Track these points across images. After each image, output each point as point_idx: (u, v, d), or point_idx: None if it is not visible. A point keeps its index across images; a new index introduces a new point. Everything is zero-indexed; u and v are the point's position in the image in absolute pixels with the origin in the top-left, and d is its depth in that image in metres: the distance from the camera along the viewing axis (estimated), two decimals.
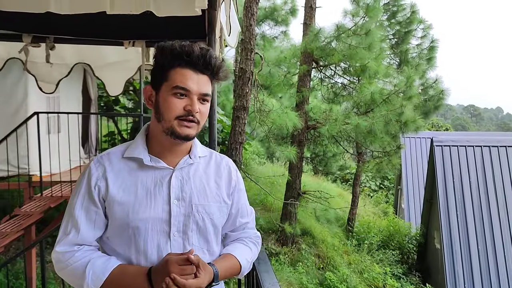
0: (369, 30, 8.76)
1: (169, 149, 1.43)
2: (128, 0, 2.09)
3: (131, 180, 1.40)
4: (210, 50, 1.37)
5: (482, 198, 10.15)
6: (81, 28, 2.61)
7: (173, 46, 1.34)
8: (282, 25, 12.88)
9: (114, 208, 1.38)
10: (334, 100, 10.73)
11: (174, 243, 1.40)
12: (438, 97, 10.79)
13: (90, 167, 1.42)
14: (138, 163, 1.42)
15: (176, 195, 1.41)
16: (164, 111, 1.35)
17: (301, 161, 9.81)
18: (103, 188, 1.38)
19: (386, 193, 20.14)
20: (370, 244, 11.15)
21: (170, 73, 1.34)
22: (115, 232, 1.41)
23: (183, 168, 1.45)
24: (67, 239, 1.38)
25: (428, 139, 15.32)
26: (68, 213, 1.42)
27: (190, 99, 1.34)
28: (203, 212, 1.44)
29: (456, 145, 10.84)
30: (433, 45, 11.77)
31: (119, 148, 1.48)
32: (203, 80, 1.36)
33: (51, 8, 2.05)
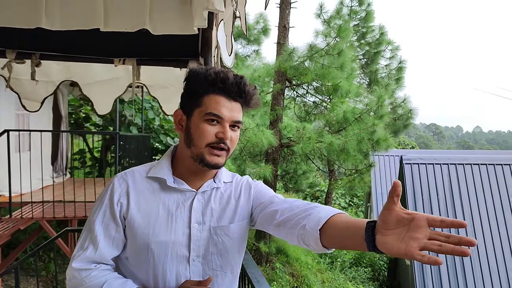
0: (341, 50, 8.96)
1: (195, 173, 1.40)
2: (123, 18, 2.05)
3: (153, 200, 1.37)
4: (244, 78, 1.36)
5: (450, 215, 10.40)
6: (69, 45, 2.53)
7: (208, 73, 1.33)
8: (254, 44, 12.99)
9: (134, 227, 1.34)
10: (306, 118, 10.87)
11: (193, 268, 1.36)
12: (406, 116, 11.07)
13: (114, 183, 1.39)
14: (161, 184, 1.39)
15: (197, 218, 1.37)
16: (196, 138, 1.33)
17: (276, 179, 9.83)
18: (125, 206, 1.35)
19: (355, 210, 20.38)
20: (342, 262, 11.22)
21: (203, 99, 1.33)
22: (134, 253, 1.37)
23: (206, 191, 1.42)
24: (84, 255, 1.33)
25: (396, 157, 15.70)
26: (87, 228, 1.37)
27: (223, 126, 1.33)
28: (221, 234, 1.40)
29: (425, 163, 11.12)
30: (401, 65, 12.13)
31: (143, 167, 1.45)
32: (236, 107, 1.35)
33: (43, 23, 1.97)
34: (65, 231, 3.62)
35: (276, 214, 1.35)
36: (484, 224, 10.16)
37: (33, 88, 2.94)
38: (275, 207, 1.38)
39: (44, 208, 5.46)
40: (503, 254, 9.63)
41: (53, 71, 2.90)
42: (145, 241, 1.33)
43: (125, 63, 2.58)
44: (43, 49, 2.53)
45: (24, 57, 2.52)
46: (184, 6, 2.04)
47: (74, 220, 5.45)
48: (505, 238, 9.84)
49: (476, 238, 9.99)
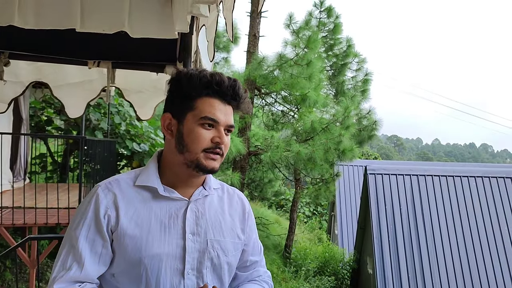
0: (310, 61, 9.09)
1: (185, 181, 1.34)
2: (101, 18, 1.98)
3: (145, 211, 1.28)
4: (238, 81, 1.32)
5: (412, 225, 10.66)
6: (41, 44, 2.42)
7: (202, 74, 1.27)
8: (224, 52, 13.00)
9: (125, 242, 1.24)
10: (274, 127, 10.93)
11: (188, 282, 1.28)
12: (371, 128, 11.30)
13: (98, 194, 1.27)
14: (151, 193, 1.30)
15: (191, 229, 1.30)
16: (190, 143, 1.27)
17: (243, 186, 9.80)
18: (113, 218, 1.25)
19: (319, 219, 20.60)
20: (307, 271, 11.27)
21: (196, 102, 1.27)
22: (123, 269, 1.26)
23: (198, 200, 1.35)
24: (67, 275, 1.21)
25: (360, 167, 15.99)
26: (69, 245, 1.25)
27: (218, 130, 1.28)
28: (218, 249, 1.34)
29: (388, 173, 11.37)
30: (367, 78, 12.41)
31: (127, 175, 1.35)
32: (229, 111, 1.31)
33: (15, 21, 1.88)
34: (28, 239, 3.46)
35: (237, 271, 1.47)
36: (443, 233, 10.47)
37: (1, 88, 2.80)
38: (240, 266, 1.47)
39: (2, 214, 5.21)
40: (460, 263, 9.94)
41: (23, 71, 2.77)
42: (137, 255, 1.24)
43: (100, 65, 2.49)
44: (14, 48, 2.42)
45: None
46: (164, 10, 2.00)
47: (35, 227, 5.22)
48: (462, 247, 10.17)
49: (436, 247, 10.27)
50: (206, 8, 1.65)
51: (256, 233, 1.53)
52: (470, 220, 10.68)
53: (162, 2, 2.01)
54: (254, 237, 1.50)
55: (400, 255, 10.16)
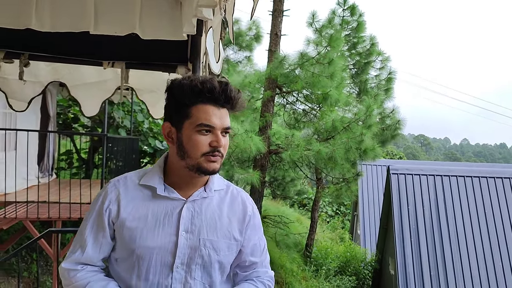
0: (332, 60, 9.03)
1: (186, 182, 1.43)
2: (113, 21, 2.06)
3: (143, 207, 1.40)
4: (229, 84, 1.37)
5: (435, 226, 10.51)
6: (58, 46, 2.53)
7: (193, 83, 1.33)
8: (246, 51, 13.06)
9: (123, 232, 1.38)
10: (295, 126, 10.92)
11: (176, 275, 1.38)
12: (395, 127, 11.17)
13: (106, 189, 1.44)
14: (152, 192, 1.42)
15: (185, 227, 1.40)
16: (190, 149, 1.35)
17: (263, 185, 9.84)
18: (114, 212, 1.40)
19: (342, 218, 20.47)
20: (327, 270, 11.24)
21: (191, 110, 1.34)
22: (121, 256, 1.42)
23: (196, 200, 1.44)
24: (73, 256, 1.42)
25: (383, 167, 15.82)
26: (80, 232, 1.45)
27: (215, 134, 1.35)
28: (210, 248, 1.42)
29: (411, 173, 11.23)
30: (390, 76, 12.25)
31: (136, 173, 1.48)
32: (224, 113, 1.37)
33: (32, 24, 1.99)
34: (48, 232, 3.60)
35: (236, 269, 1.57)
36: (468, 235, 10.28)
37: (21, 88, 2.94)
38: (239, 266, 1.56)
39: (28, 208, 5.41)
40: (485, 265, 9.74)
41: (42, 72, 2.91)
42: (132, 245, 1.37)
43: (114, 66, 2.59)
44: (32, 50, 2.54)
45: (13, 57, 2.53)
46: (174, 12, 2.07)
47: (58, 221, 5.41)
48: (487, 249, 9.96)
49: (460, 249, 10.09)
50: (210, 12, 1.71)
51: (260, 234, 1.59)
52: (496, 222, 10.44)
53: (171, 5, 2.07)
54: (255, 238, 1.55)
55: (423, 256, 10.03)
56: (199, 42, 2.16)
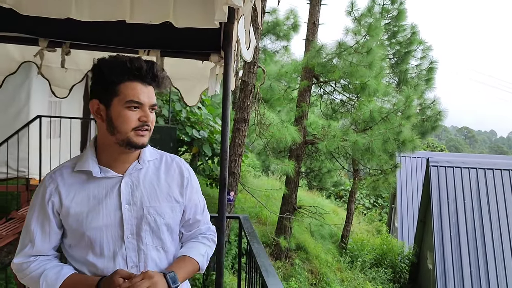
0: (370, 49, 8.87)
1: (118, 158, 1.49)
2: (148, 10, 2.12)
3: (83, 192, 1.46)
4: (156, 64, 1.46)
5: (476, 220, 10.19)
6: (97, 35, 2.63)
7: (120, 61, 1.41)
8: (284, 40, 12.98)
9: (69, 220, 1.45)
10: (332, 116, 10.81)
11: (128, 245, 1.47)
12: (435, 118, 10.87)
13: (44, 183, 1.49)
14: (88, 176, 1.48)
15: (126, 200, 1.48)
16: (120, 125, 1.41)
17: (298, 175, 9.84)
18: (57, 202, 1.46)
19: (379, 211, 20.17)
20: (363, 262, 11.15)
21: (120, 88, 1.40)
22: (74, 241, 1.48)
23: (132, 173, 1.51)
24: (23, 251, 1.48)
25: (423, 159, 15.43)
26: (25, 228, 1.50)
27: (143, 110, 1.42)
28: (154, 214, 1.50)
29: (452, 166, 10.91)
30: (432, 66, 11.90)
31: (70, 162, 1.54)
32: (151, 91, 1.45)
33: (72, 14, 2.07)
34: None
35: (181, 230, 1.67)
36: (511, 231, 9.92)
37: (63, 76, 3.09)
38: (183, 226, 1.66)
39: None
40: None
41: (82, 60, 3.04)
42: (81, 229, 1.44)
43: (150, 54, 2.67)
44: (73, 39, 2.65)
45: (56, 45, 2.65)
46: (206, 0, 2.11)
47: None
48: None
49: (503, 244, 9.76)
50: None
51: (199, 193, 1.69)
52: None
53: None
54: (195, 198, 1.66)
55: (463, 252, 9.77)
56: (231, 30, 2.19)
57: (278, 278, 2.02)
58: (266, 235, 9.39)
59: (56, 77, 3.16)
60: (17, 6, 2.01)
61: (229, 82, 2.18)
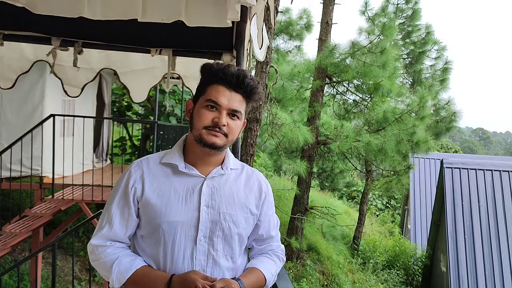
0: (384, 49, 8.77)
1: (202, 159, 1.52)
2: (160, 9, 2.11)
3: (166, 184, 1.49)
4: (246, 72, 1.47)
5: (491, 223, 10.03)
6: (109, 34, 2.63)
7: (211, 65, 1.48)
8: (297, 40, 12.93)
9: (148, 209, 1.47)
10: (345, 116, 10.72)
11: (199, 247, 1.48)
12: (450, 119, 10.72)
13: (130, 169, 1.54)
14: (173, 169, 1.51)
15: (206, 202, 1.49)
16: (195, 121, 1.47)
17: (310, 176, 9.78)
18: (139, 190, 1.49)
19: (392, 212, 19.99)
20: (375, 264, 11.04)
21: (207, 88, 1.47)
22: (147, 232, 1.51)
23: (215, 177, 1.53)
24: (101, 233, 1.50)
25: (437, 160, 15.24)
26: (106, 209, 1.54)
27: (219, 112, 1.44)
28: (229, 221, 1.51)
29: (466, 168, 10.76)
30: (447, 66, 11.75)
31: (158, 154, 1.58)
32: (235, 97, 1.46)
33: (85, 13, 2.07)
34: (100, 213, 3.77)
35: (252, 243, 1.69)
36: None
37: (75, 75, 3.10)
38: (255, 240, 1.67)
39: (83, 191, 5.69)
40: None
41: (94, 59, 3.06)
42: (157, 220, 1.46)
43: (161, 53, 2.67)
44: (86, 38, 2.65)
45: (68, 44, 2.66)
46: None
47: None
48: None
49: None
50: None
51: (273, 211, 1.71)
52: None
53: None
54: (269, 213, 1.67)
55: (477, 255, 9.62)
56: (243, 29, 2.16)
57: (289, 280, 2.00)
58: None
59: (69, 76, 3.18)
60: (30, 5, 2.01)
61: None
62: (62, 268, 6.61)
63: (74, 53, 2.59)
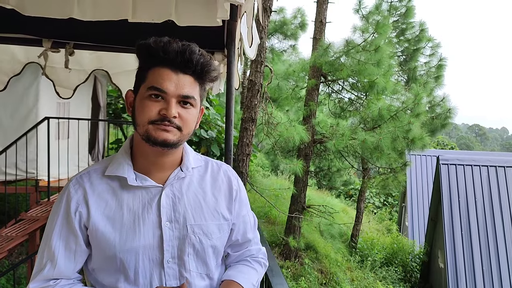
0: (379, 47, 8.80)
1: (155, 163, 1.24)
2: (150, 9, 2.11)
3: (115, 203, 1.21)
4: (192, 46, 1.18)
5: (488, 218, 10.07)
6: (100, 35, 2.64)
7: (148, 44, 1.19)
8: (291, 39, 12.97)
9: (97, 238, 1.20)
10: (341, 115, 10.76)
11: (168, 270, 1.23)
12: (445, 116, 10.77)
13: (69, 189, 1.23)
14: (121, 183, 1.23)
15: (168, 216, 1.23)
16: (138, 115, 1.18)
17: (307, 175, 9.80)
18: (84, 215, 1.20)
19: (390, 210, 20.04)
20: (373, 261, 11.07)
21: (148, 74, 1.18)
22: (101, 264, 1.24)
23: (174, 183, 1.26)
24: (42, 274, 1.21)
25: (433, 157, 15.30)
26: (44, 243, 1.23)
27: (166, 102, 1.15)
28: (200, 234, 1.26)
29: (462, 164, 10.80)
30: (441, 63, 11.80)
31: (101, 164, 1.28)
32: (184, 80, 1.17)
33: (75, 14, 2.07)
34: None
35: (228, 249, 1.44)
36: None
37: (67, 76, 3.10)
38: (230, 246, 1.43)
39: None
40: None
41: (85, 60, 3.06)
42: (112, 250, 1.19)
43: None
44: (77, 39, 2.66)
45: (59, 46, 2.66)
46: None
47: None
48: None
49: None
50: None
51: (248, 208, 1.44)
52: None
53: None
54: (243, 214, 1.41)
55: (474, 251, 9.66)
56: (234, 28, 2.17)
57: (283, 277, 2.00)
58: (275, 234, 9.35)
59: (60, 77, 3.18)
60: (19, 7, 2.00)
61: (232, 80, 2.17)
62: None
63: (66, 55, 2.59)
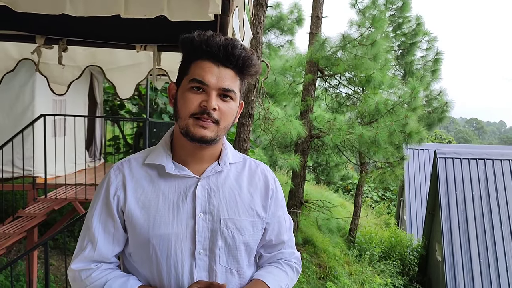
0: (375, 41, 8.80)
1: (193, 155, 1.27)
2: (142, 4, 2.11)
3: (152, 190, 1.25)
4: (235, 40, 1.21)
5: (485, 212, 10.11)
6: (94, 31, 2.64)
7: (192, 37, 1.22)
8: (288, 34, 12.93)
9: (133, 222, 1.24)
10: (338, 109, 10.76)
11: (199, 262, 1.24)
12: (442, 109, 10.79)
13: (110, 175, 1.29)
14: (159, 171, 1.27)
15: (202, 207, 1.25)
16: (180, 108, 1.21)
17: (304, 170, 9.83)
18: (122, 199, 1.25)
19: (388, 204, 20.10)
20: (371, 255, 11.12)
21: (190, 67, 1.22)
22: (135, 249, 1.27)
23: (211, 176, 1.28)
24: (83, 255, 1.26)
25: (431, 151, 15.33)
26: (85, 226, 1.29)
27: (207, 94, 1.18)
28: (232, 228, 1.26)
29: (460, 157, 10.83)
30: (438, 57, 11.79)
31: (141, 153, 1.33)
32: (225, 74, 1.20)
33: (67, 10, 2.06)
34: None
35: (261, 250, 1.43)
36: None
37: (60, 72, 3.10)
38: (263, 246, 1.42)
39: (77, 190, 5.70)
40: None
41: (79, 56, 3.06)
42: (145, 235, 1.22)
43: (146, 49, 2.66)
44: (70, 35, 2.65)
45: (53, 42, 2.65)
46: None
47: None
48: None
49: None
50: None
51: (284, 210, 1.44)
52: None
53: None
54: (279, 214, 1.40)
55: (472, 243, 9.71)
56: (226, 22, 2.17)
57: None
58: None
59: (54, 74, 3.18)
60: (11, 3, 2.00)
61: None
62: (59, 268, 6.61)
63: (59, 51, 2.59)
